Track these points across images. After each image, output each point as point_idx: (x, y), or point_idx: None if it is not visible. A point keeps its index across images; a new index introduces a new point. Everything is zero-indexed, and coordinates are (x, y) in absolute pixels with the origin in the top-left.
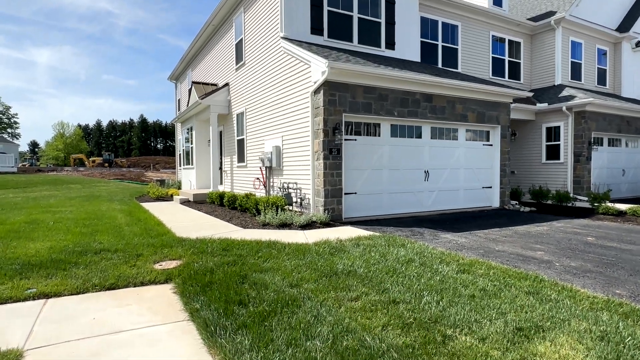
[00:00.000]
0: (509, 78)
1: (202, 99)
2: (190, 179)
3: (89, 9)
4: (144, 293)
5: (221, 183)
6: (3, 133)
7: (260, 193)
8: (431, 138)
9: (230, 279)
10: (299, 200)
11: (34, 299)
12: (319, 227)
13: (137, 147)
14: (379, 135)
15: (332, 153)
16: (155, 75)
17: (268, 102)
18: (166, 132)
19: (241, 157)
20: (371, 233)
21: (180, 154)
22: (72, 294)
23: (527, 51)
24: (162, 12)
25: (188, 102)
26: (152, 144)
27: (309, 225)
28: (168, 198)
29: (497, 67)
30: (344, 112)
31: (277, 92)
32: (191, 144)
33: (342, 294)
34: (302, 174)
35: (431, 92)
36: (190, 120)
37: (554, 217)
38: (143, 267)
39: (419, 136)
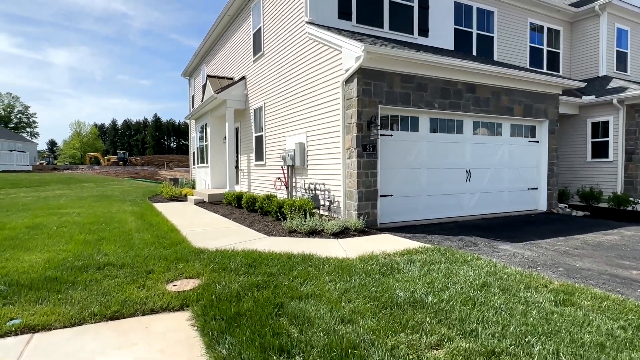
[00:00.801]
0: (547, 69)
1: (217, 93)
2: (204, 178)
3: (104, 10)
4: (154, 325)
5: (237, 183)
6: (22, 132)
7: (281, 194)
8: (473, 134)
9: (263, 309)
10: (327, 203)
11: (16, 334)
12: (354, 235)
13: (151, 146)
14: (417, 130)
15: (366, 150)
16: (168, 75)
17: (290, 95)
18: (179, 131)
19: (259, 155)
20: (420, 244)
21: (194, 152)
22: (64, 326)
23: (566, 40)
24: (175, 12)
25: (202, 98)
26: (166, 143)
27: (342, 232)
28: (182, 198)
29: (535, 57)
30: (379, 104)
31: (301, 83)
32: (205, 141)
33: (415, 336)
34: (331, 174)
35: (474, 81)
36: (204, 117)
37: (616, 224)
38: (154, 289)
39: (460, 131)
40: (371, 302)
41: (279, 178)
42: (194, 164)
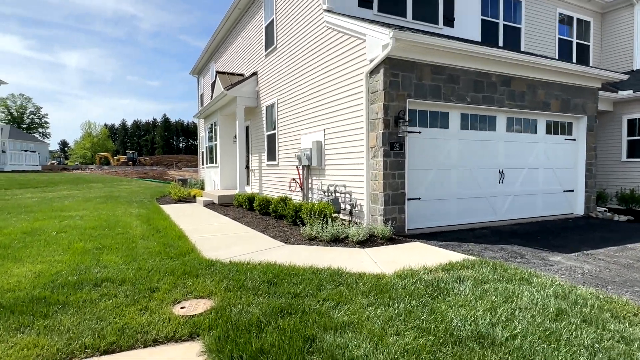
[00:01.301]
0: (576, 62)
1: (227, 90)
2: (214, 179)
3: (114, 12)
4: None
5: (248, 183)
6: (34, 133)
7: (296, 196)
8: (507, 131)
9: (291, 343)
10: (348, 207)
11: None
12: (382, 244)
13: (160, 146)
14: (447, 127)
15: (393, 149)
16: (177, 75)
17: (306, 91)
18: (188, 131)
19: (272, 155)
20: (463, 256)
21: (202, 152)
22: None
23: (597, 32)
24: (183, 13)
25: (212, 96)
26: (175, 143)
27: (368, 241)
28: (190, 199)
29: (564, 49)
30: (407, 98)
31: (318, 77)
32: (215, 140)
33: None
34: (353, 175)
35: (510, 73)
36: (213, 115)
37: None
38: (158, 312)
39: (493, 128)
40: (425, 337)
41: (293, 179)
42: (202, 164)
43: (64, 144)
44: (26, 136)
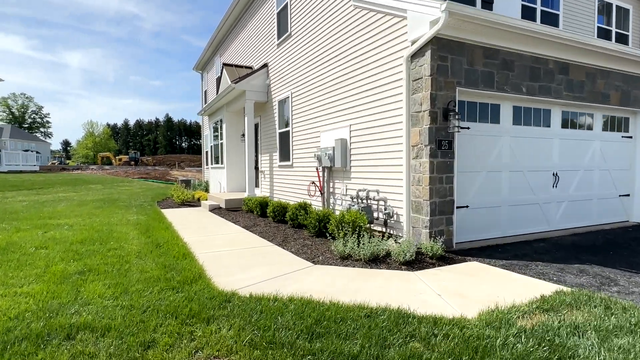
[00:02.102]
0: None
1: (235, 83)
2: (219, 181)
3: (117, 12)
4: None
5: (257, 186)
6: (36, 132)
7: (316, 202)
8: (562, 127)
9: None
10: (382, 216)
11: None
12: (434, 264)
13: (163, 146)
14: (498, 122)
15: (441, 147)
16: (179, 75)
17: (327, 82)
18: (190, 131)
19: (285, 155)
20: (550, 287)
21: (207, 152)
22: None
23: (636, 20)
24: (186, 13)
25: (217, 92)
26: (177, 143)
27: (417, 261)
28: (194, 203)
29: (603, 38)
30: (457, 86)
31: (343, 65)
32: (221, 139)
33: None
34: (388, 179)
35: (568, 59)
36: (219, 112)
37: None
38: None
39: (547, 124)
40: None
41: (312, 182)
42: (207, 164)
43: (66, 143)
44: (28, 136)
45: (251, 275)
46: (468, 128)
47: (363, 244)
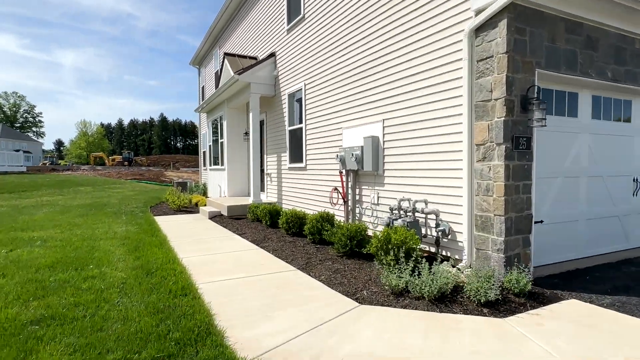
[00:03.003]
0: None
1: (239, 74)
2: (219, 184)
3: (111, 11)
4: None
5: (262, 190)
6: (28, 132)
7: (338, 213)
8: None
9: None
10: (433, 233)
11: None
12: (524, 306)
13: (158, 146)
14: (575, 116)
15: (519, 147)
16: (175, 75)
17: (351, 69)
18: (186, 131)
19: (296, 156)
20: None
21: (205, 152)
22: None
23: None
24: (181, 12)
25: (217, 86)
26: (172, 143)
27: (504, 302)
28: (192, 209)
29: None
30: (536, 68)
31: (373, 48)
32: (221, 138)
33: None
34: (439, 185)
35: None
36: (219, 108)
37: None
38: None
39: (627, 118)
40: None
41: (335, 188)
42: (204, 166)
43: (59, 143)
44: (19, 135)
45: (280, 326)
46: (543, 123)
47: (421, 274)
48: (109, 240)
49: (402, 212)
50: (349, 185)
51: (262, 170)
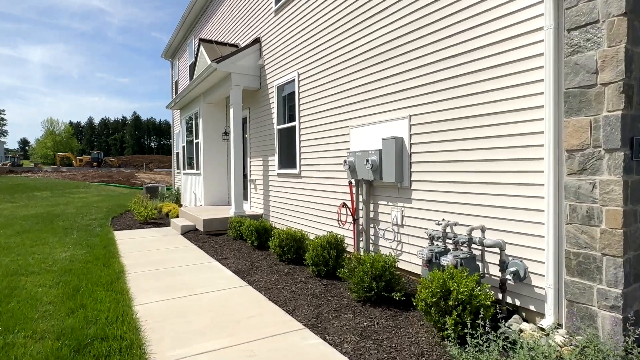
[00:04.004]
0: None
1: (217, 62)
2: (194, 191)
3: (81, 6)
4: None
5: (246, 199)
6: None
7: (348, 234)
8: None
9: None
10: (492, 272)
11: None
12: None
13: (130, 146)
14: None
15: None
16: (148, 73)
17: (362, 52)
18: (160, 130)
19: (287, 160)
20: None
21: (178, 153)
22: None
23: None
24: (154, 10)
25: (192, 77)
26: (146, 142)
27: None
28: (162, 220)
29: None
30: None
31: (396, 23)
32: (196, 138)
33: None
34: (504, 207)
35: None
36: (194, 103)
37: None
38: None
39: None
40: None
41: (344, 204)
42: (178, 168)
43: (24, 142)
44: None
45: None
46: None
47: (514, 350)
48: (43, 275)
49: (449, 240)
50: (360, 200)
51: (244, 176)
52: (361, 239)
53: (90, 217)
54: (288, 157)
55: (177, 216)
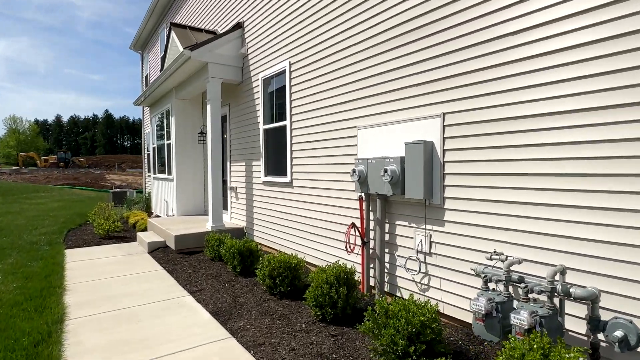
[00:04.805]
0: None
1: (191, 50)
2: (166, 198)
3: None
4: None
5: (225, 208)
6: None
7: (356, 260)
8: None
9: None
10: (575, 328)
11: None
12: None
13: (102, 145)
14: None
15: None
16: (121, 70)
17: (378, 32)
18: (134, 129)
19: (276, 166)
20: None
21: (149, 154)
22: None
23: None
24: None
25: (162, 68)
26: (119, 142)
27: None
28: (127, 233)
29: None
30: None
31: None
32: (168, 138)
33: None
34: (592, 243)
35: None
36: (166, 99)
37: None
38: None
39: None
40: None
41: (353, 225)
42: (148, 172)
43: None
44: None
45: None
46: None
47: None
48: None
49: (512, 284)
50: (372, 218)
51: (224, 182)
52: (372, 266)
53: (40, 231)
54: (276, 163)
55: (145, 229)
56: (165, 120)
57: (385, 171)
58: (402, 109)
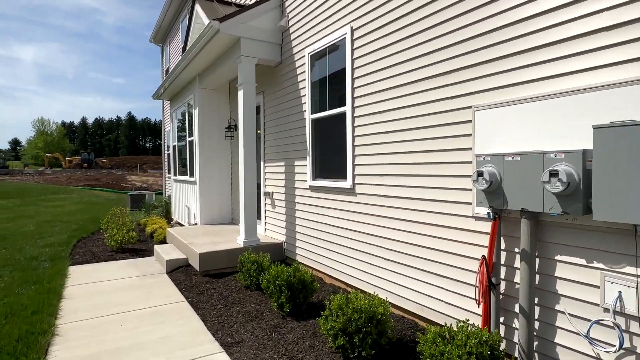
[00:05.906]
0: None
1: (220, 21)
2: (188, 205)
3: (74, 6)
4: None
5: (259, 218)
6: None
7: (473, 311)
8: None
9: None
10: None
11: None
12: None
13: (125, 146)
14: None
15: None
16: (144, 73)
17: None
18: (156, 131)
19: (329, 167)
20: None
21: (169, 154)
22: None
23: None
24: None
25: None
26: (141, 143)
27: None
28: (143, 244)
29: None
30: None
31: None
32: (190, 135)
33: None
34: None
35: None
36: (188, 90)
37: None
38: None
39: None
40: None
41: (484, 258)
42: (169, 173)
43: (15, 142)
44: None
45: None
46: None
47: None
48: None
49: None
50: (504, 247)
51: (257, 186)
52: (503, 320)
53: (47, 241)
54: (329, 163)
55: (164, 240)
56: (187, 114)
57: (554, 174)
58: (575, 72)
